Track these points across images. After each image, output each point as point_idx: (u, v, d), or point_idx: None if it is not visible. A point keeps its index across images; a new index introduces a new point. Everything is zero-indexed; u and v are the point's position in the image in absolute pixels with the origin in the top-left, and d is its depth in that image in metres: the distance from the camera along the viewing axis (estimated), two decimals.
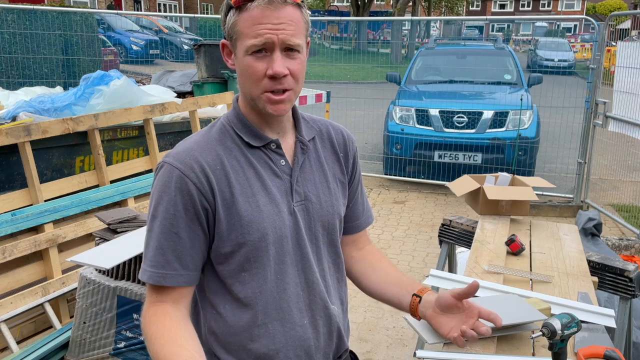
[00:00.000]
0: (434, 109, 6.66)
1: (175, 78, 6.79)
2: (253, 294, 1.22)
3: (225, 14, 1.20)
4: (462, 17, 34.69)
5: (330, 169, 1.33)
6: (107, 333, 2.53)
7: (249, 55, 1.16)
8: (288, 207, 1.24)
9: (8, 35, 7.74)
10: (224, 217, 1.18)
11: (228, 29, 1.19)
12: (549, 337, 1.40)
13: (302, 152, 1.28)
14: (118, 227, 2.65)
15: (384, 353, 3.32)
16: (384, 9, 42.41)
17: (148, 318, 1.18)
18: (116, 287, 2.47)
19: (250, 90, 1.19)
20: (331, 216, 1.31)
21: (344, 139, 1.38)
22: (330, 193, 1.31)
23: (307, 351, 1.27)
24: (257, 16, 1.13)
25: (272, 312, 1.23)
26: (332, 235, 1.32)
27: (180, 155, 1.19)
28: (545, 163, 7.59)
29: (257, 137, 1.23)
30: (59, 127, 3.38)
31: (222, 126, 1.26)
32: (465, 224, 2.90)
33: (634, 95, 5.21)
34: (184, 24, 19.27)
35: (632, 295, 2.36)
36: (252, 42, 1.14)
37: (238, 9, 1.16)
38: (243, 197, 1.19)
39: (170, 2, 36.42)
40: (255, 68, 1.16)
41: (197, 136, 1.24)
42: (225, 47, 1.24)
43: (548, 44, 21.04)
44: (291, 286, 1.24)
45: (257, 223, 1.19)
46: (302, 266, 1.26)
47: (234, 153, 1.22)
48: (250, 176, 1.21)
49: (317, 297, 1.28)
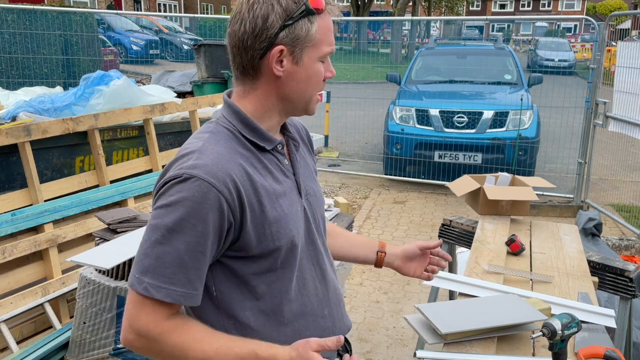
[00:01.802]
0: (434, 109, 6.66)
1: (175, 78, 6.80)
2: (279, 293, 1.21)
3: (293, 18, 1.14)
4: (462, 17, 34.70)
5: (309, 161, 1.39)
6: (107, 333, 2.52)
7: (319, 62, 1.20)
8: (300, 205, 1.26)
9: (8, 35, 7.74)
10: (252, 227, 1.15)
11: (299, 34, 1.15)
12: (549, 337, 1.40)
13: (295, 149, 1.30)
14: (118, 227, 2.65)
15: (384, 353, 3.32)
16: (384, 9, 42.43)
17: (168, 335, 1.13)
18: (116, 287, 2.47)
19: (311, 94, 1.23)
20: (323, 204, 1.37)
21: (305, 130, 1.45)
22: (316, 183, 1.37)
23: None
24: (330, 24, 1.19)
25: (297, 309, 1.24)
26: (325, 224, 1.38)
27: (211, 169, 1.11)
28: (545, 163, 7.59)
29: (268, 140, 1.22)
30: (59, 127, 3.38)
31: (228, 132, 1.20)
32: (465, 224, 2.90)
33: (634, 95, 5.20)
34: (184, 24, 19.26)
35: (632, 296, 2.36)
36: (328, 49, 1.19)
37: (319, 15, 1.16)
38: (270, 204, 1.17)
39: (170, 2, 36.42)
40: (322, 73, 1.22)
41: (212, 144, 1.16)
42: (281, 53, 1.16)
43: (548, 44, 21.05)
44: (309, 281, 1.27)
45: (285, 228, 1.19)
46: (316, 259, 1.29)
47: (250, 160, 1.18)
48: (270, 181, 1.20)
49: (330, 284, 1.32)
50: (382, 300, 4.00)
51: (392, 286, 4.22)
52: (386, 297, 4.07)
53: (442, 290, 2.99)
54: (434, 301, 2.92)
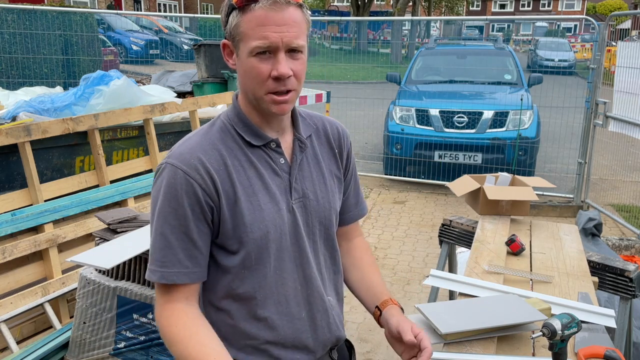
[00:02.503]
0: (434, 109, 6.66)
1: (175, 78, 6.80)
2: (252, 289, 1.24)
3: (226, 14, 1.19)
4: (462, 17, 34.68)
5: (326, 165, 1.35)
6: (107, 333, 2.52)
7: (253, 57, 1.16)
8: (287, 205, 1.26)
9: (8, 35, 7.74)
10: (229, 216, 1.20)
11: (230, 30, 1.19)
12: (549, 337, 1.40)
13: (300, 150, 1.30)
14: (118, 227, 2.65)
15: (384, 353, 3.32)
16: (384, 9, 42.39)
17: (165, 320, 1.20)
18: (116, 287, 2.47)
19: (253, 90, 1.20)
20: (328, 212, 1.33)
21: (339, 134, 1.41)
22: (327, 189, 1.33)
23: (305, 343, 1.30)
24: (261, 18, 1.13)
25: (271, 306, 1.26)
26: (329, 230, 1.35)
27: (183, 156, 1.19)
28: (545, 163, 7.59)
29: (257, 137, 1.25)
30: (59, 127, 3.38)
31: (222, 125, 1.26)
32: (465, 224, 2.90)
33: (634, 95, 5.20)
34: (184, 24, 19.27)
35: (632, 296, 2.36)
36: (256, 43, 1.15)
37: (241, 10, 1.16)
38: (245, 196, 1.21)
39: (170, 2, 36.43)
40: (260, 69, 1.16)
41: (198, 136, 1.24)
42: (227, 47, 1.23)
43: (548, 44, 21.03)
44: (289, 281, 1.27)
45: (259, 222, 1.21)
46: (300, 262, 1.29)
47: (235, 152, 1.23)
48: (252, 175, 1.23)
49: (314, 291, 1.31)
50: None
51: (392, 286, 4.22)
52: None
53: (442, 290, 2.99)
54: (434, 301, 2.92)
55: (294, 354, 1.29)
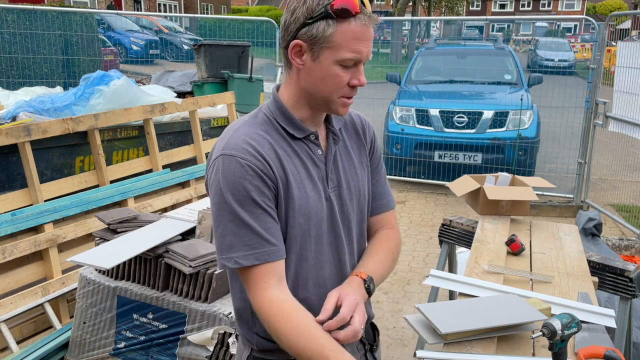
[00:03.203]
0: (434, 109, 6.66)
1: (175, 78, 6.79)
2: (296, 271, 1.32)
3: (312, 18, 1.21)
4: (462, 17, 34.69)
5: (356, 155, 1.44)
6: (107, 333, 2.53)
7: (338, 65, 1.24)
8: (325, 193, 1.34)
9: (8, 35, 7.73)
10: (282, 199, 1.28)
11: (316, 33, 1.22)
12: (549, 337, 1.40)
13: (334, 142, 1.38)
14: (118, 227, 2.65)
15: (384, 353, 3.32)
16: (384, 9, 42.42)
17: (268, 309, 1.23)
18: (116, 287, 2.47)
19: (327, 93, 1.27)
20: (359, 200, 1.42)
21: (363, 125, 1.49)
22: (358, 179, 1.42)
23: None
24: (357, 33, 1.21)
25: (311, 288, 1.34)
26: (360, 218, 1.44)
27: (239, 145, 1.25)
28: (545, 163, 7.59)
29: (299, 129, 1.32)
30: (59, 127, 3.38)
31: (265, 117, 1.33)
32: (465, 224, 2.90)
33: (634, 95, 5.20)
34: (184, 24, 19.26)
35: (632, 296, 2.36)
36: (349, 55, 1.22)
37: (338, 20, 1.20)
38: (295, 183, 1.29)
39: (170, 2, 36.42)
40: (342, 77, 1.25)
41: (245, 127, 1.30)
42: (298, 48, 1.25)
43: (548, 44, 21.02)
44: (327, 264, 1.36)
45: (305, 207, 1.30)
46: (335, 246, 1.37)
47: (280, 143, 1.30)
48: (297, 164, 1.31)
49: (347, 273, 1.40)
50: (382, 300, 4.00)
51: (392, 286, 4.22)
52: (386, 297, 4.07)
53: (442, 290, 2.99)
54: (434, 301, 2.92)
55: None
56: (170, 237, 2.48)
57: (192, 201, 3.90)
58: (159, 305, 2.38)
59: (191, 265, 2.28)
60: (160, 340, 2.40)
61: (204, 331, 2.28)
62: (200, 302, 2.32)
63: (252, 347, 1.38)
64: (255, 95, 6.18)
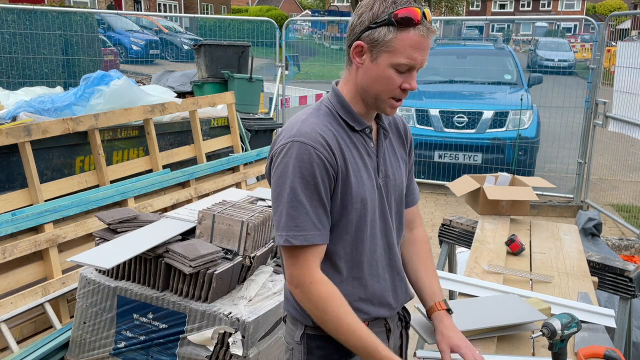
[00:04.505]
0: (434, 109, 6.66)
1: (175, 78, 6.79)
2: (351, 252, 1.44)
3: (377, 23, 1.33)
4: (462, 17, 34.69)
5: (398, 150, 1.57)
6: (107, 333, 2.53)
7: (392, 69, 1.35)
8: (376, 182, 1.47)
9: (8, 35, 7.73)
10: (340, 186, 1.39)
11: (377, 37, 1.33)
12: (549, 337, 1.41)
13: (383, 136, 1.52)
14: (118, 227, 2.65)
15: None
16: None
17: (317, 285, 1.36)
18: (116, 287, 2.47)
19: (379, 92, 1.39)
20: (401, 191, 1.56)
21: (404, 126, 1.63)
22: (400, 171, 1.56)
23: (388, 300, 1.53)
24: (415, 42, 1.32)
25: (366, 268, 1.47)
26: (400, 207, 1.57)
27: (309, 134, 1.36)
28: (545, 163, 7.58)
29: (358, 122, 1.45)
30: (59, 127, 3.38)
31: (327, 110, 1.44)
32: (465, 224, 2.90)
33: (634, 95, 5.21)
34: (184, 24, 19.24)
35: (632, 295, 2.36)
36: (404, 61, 1.33)
37: (399, 28, 1.31)
38: (353, 172, 1.41)
39: (170, 2, 36.42)
40: (395, 80, 1.36)
41: (312, 117, 1.41)
42: (360, 48, 1.37)
43: (548, 44, 21.02)
44: (378, 247, 1.49)
45: (362, 194, 1.42)
46: (384, 231, 1.50)
47: (341, 134, 1.42)
48: (355, 154, 1.43)
49: (394, 256, 1.54)
50: None
51: None
52: None
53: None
54: None
55: (379, 310, 1.52)
56: (170, 237, 2.48)
57: (192, 201, 3.90)
58: (159, 305, 2.38)
59: (191, 265, 2.28)
60: (161, 340, 2.40)
61: (204, 331, 2.28)
62: (200, 302, 2.32)
63: (306, 324, 1.48)
64: (255, 95, 6.18)
